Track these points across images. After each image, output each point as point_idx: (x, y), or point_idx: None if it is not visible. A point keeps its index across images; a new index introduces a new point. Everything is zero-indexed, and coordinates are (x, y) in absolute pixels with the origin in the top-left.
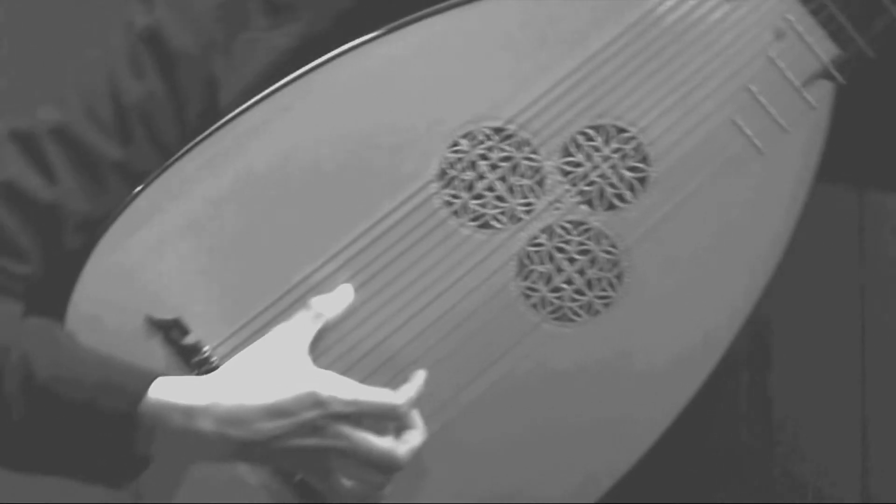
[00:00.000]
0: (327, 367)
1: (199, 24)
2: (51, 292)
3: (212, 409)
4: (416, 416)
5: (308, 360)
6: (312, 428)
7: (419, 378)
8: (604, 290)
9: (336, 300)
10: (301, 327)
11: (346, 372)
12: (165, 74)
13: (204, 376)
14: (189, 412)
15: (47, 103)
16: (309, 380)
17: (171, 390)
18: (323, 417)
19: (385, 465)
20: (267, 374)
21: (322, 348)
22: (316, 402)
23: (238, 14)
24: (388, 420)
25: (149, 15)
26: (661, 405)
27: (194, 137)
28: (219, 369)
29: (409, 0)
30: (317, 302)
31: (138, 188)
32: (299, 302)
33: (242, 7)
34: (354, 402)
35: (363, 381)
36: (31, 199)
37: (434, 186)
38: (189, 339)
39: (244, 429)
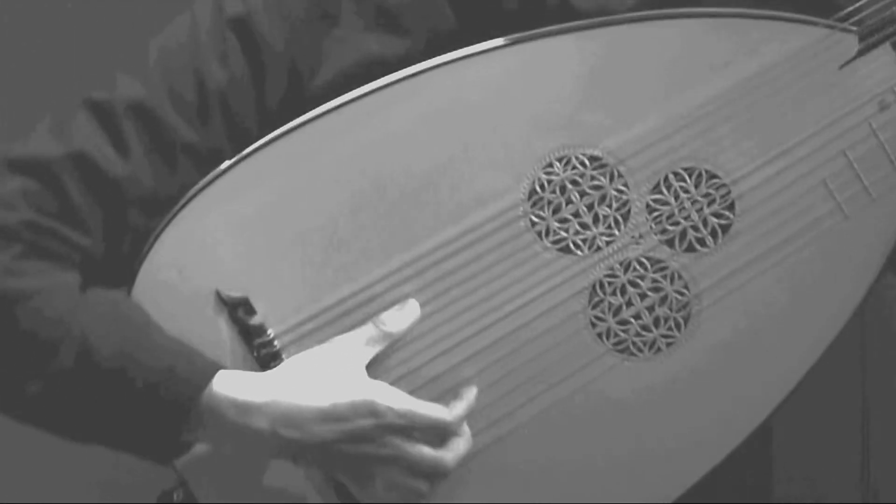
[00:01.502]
0: (387, 375)
1: (288, 16)
2: (109, 271)
3: (268, 407)
4: (463, 426)
5: (364, 373)
6: (364, 436)
7: (470, 394)
8: (669, 329)
9: (404, 317)
10: (365, 341)
11: (400, 380)
12: (250, 63)
13: (263, 373)
14: (245, 408)
15: (129, 75)
16: (366, 388)
17: (230, 384)
18: (376, 427)
19: (432, 472)
20: (326, 379)
21: (381, 359)
22: (371, 410)
23: (331, 10)
24: (439, 434)
25: (240, 2)
26: (699, 454)
27: (272, 127)
28: (277, 368)
29: (509, 28)
30: (385, 318)
31: (227, 163)
32: (369, 304)
33: (336, 4)
34: (408, 415)
35: (420, 388)
36: (101, 171)
37: (522, 205)
38: (255, 320)
39: (297, 430)
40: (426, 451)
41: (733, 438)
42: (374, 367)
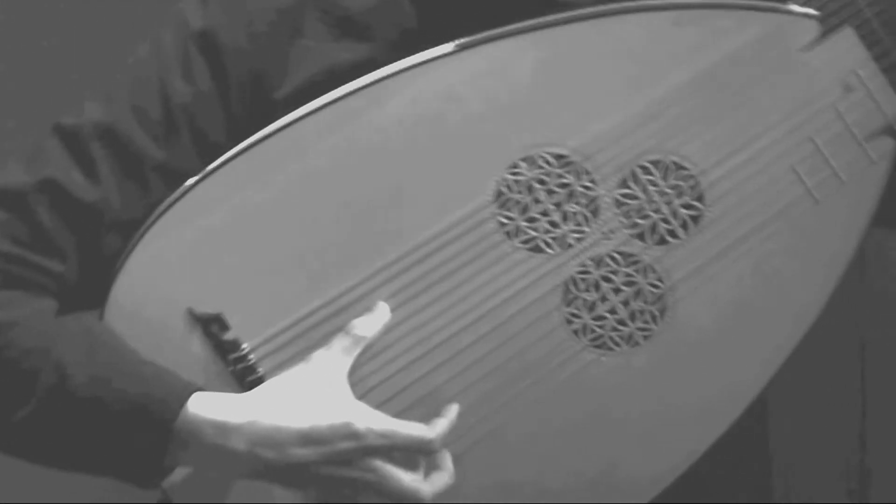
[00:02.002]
0: (360, 384)
1: (252, 28)
2: (85, 294)
3: (246, 428)
4: (446, 459)
5: (347, 389)
6: (344, 458)
7: (452, 412)
8: (646, 322)
9: (374, 321)
10: (340, 354)
11: (378, 386)
12: (216, 79)
13: (242, 394)
14: (223, 429)
15: (95, 100)
16: (346, 410)
17: (208, 405)
18: (356, 449)
19: (409, 501)
20: (305, 400)
21: (357, 366)
22: (351, 433)
23: (295, 21)
24: (420, 454)
25: (203, 17)
26: (684, 443)
27: (241, 141)
28: (257, 389)
29: (472, 28)
30: (356, 324)
31: (192, 180)
32: (344, 312)
33: (300, 15)
34: (388, 435)
35: (394, 397)
36: (72, 197)
37: (489, 207)
38: (229, 336)
39: (276, 451)
40: (404, 480)
41: (716, 427)
42: (350, 378)
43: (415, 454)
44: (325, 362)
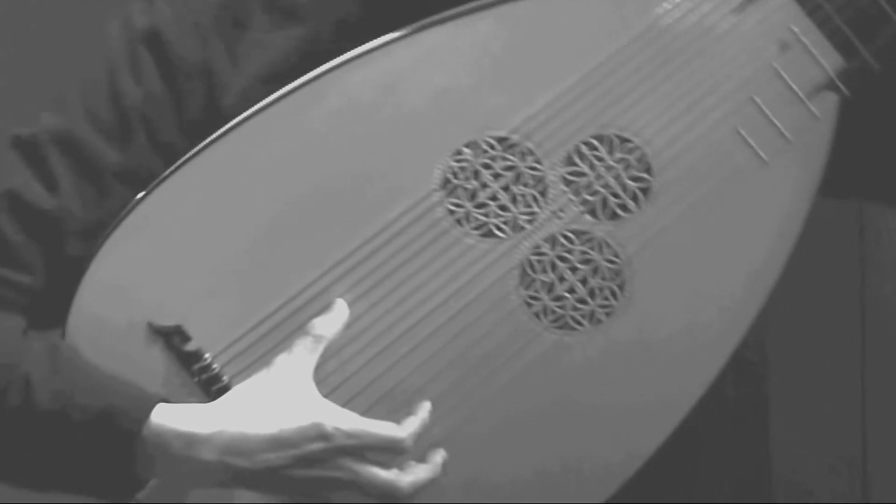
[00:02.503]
0: (325, 382)
1: (199, 25)
2: (53, 301)
3: (213, 437)
4: (436, 455)
5: (313, 389)
6: (315, 460)
7: (424, 410)
8: (606, 299)
9: (333, 319)
10: (303, 355)
11: (342, 384)
12: (165, 77)
13: (208, 404)
14: (190, 439)
15: (49, 108)
16: (313, 411)
17: (172, 417)
18: (326, 450)
19: (385, 497)
20: (270, 405)
21: (320, 364)
22: (320, 434)
23: (240, 14)
24: (392, 453)
25: (149, 15)
26: (655, 418)
27: (196, 138)
28: (223, 398)
29: (414, 10)
30: (315, 324)
31: (141, 194)
32: (302, 310)
33: (244, 7)
34: (358, 435)
35: (359, 393)
36: (33, 208)
37: (437, 195)
38: (190, 346)
39: (246, 459)
40: (378, 474)
41: (689, 396)
42: (317, 378)
43: (386, 454)
44: (288, 365)
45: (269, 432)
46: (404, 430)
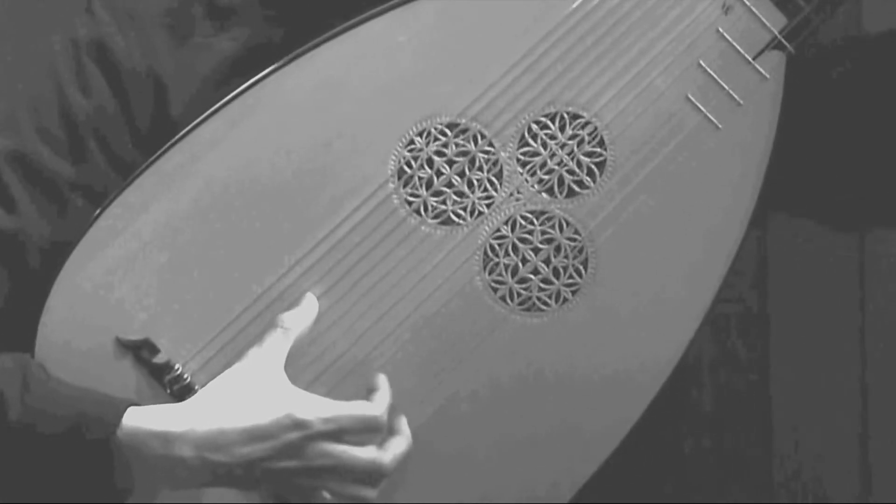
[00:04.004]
0: (298, 378)
1: (144, 33)
2: (19, 320)
3: (189, 434)
4: (401, 423)
5: (285, 380)
6: (294, 449)
7: (383, 382)
8: (570, 277)
9: (302, 312)
10: (273, 347)
11: (317, 379)
12: (113, 88)
13: (180, 403)
14: (166, 438)
15: (0, 128)
16: (286, 401)
17: (146, 417)
18: (303, 438)
19: (371, 476)
20: (244, 398)
21: (292, 360)
22: (295, 423)
23: (184, 20)
24: (370, 432)
25: (92, 27)
26: (630, 393)
27: (148, 148)
28: (195, 395)
29: (350, 3)
30: (284, 318)
31: (98, 210)
32: (268, 311)
33: (188, 13)
34: (333, 419)
35: (335, 386)
36: None
37: (392, 186)
38: (160, 358)
39: (224, 453)
40: (359, 454)
41: (662, 369)
42: (289, 373)
43: (365, 433)
44: (260, 357)
45: (245, 425)
46: (378, 406)
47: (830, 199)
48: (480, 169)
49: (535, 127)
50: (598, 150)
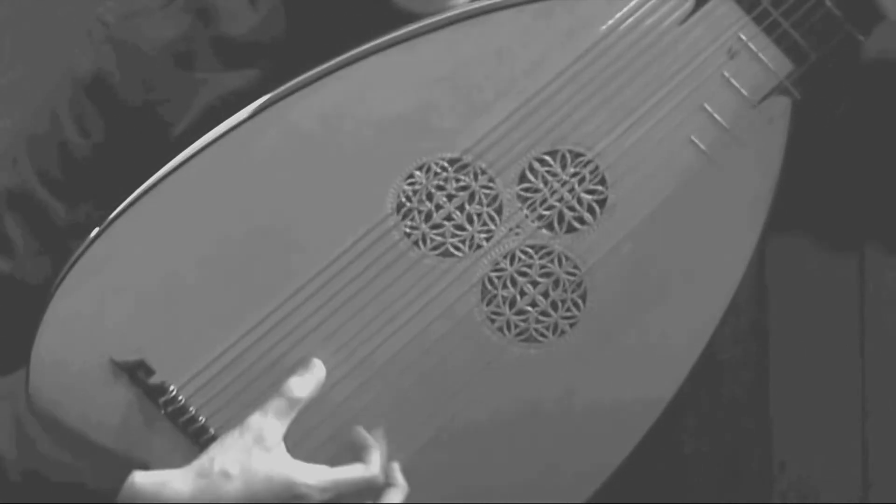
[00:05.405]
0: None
1: (143, 67)
2: (14, 347)
3: None
4: (395, 473)
5: (284, 452)
6: None
7: (378, 438)
8: (569, 310)
9: (309, 380)
10: (275, 417)
11: (313, 406)
12: (111, 126)
13: (180, 470)
14: None
15: (1, 167)
16: (282, 473)
17: (145, 489)
18: None
19: None
20: (244, 471)
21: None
22: (293, 495)
23: (184, 55)
24: (369, 492)
25: (92, 58)
26: (635, 416)
27: (145, 180)
28: (194, 463)
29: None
30: (292, 386)
31: (94, 232)
32: (263, 340)
33: (189, 48)
34: (330, 487)
35: (330, 416)
36: None
37: (392, 220)
38: (155, 380)
39: None
40: None
41: (659, 400)
42: None
43: (363, 496)
44: (261, 427)
45: (244, 500)
46: (372, 466)
47: (831, 224)
48: (480, 203)
49: (536, 164)
50: (600, 188)
